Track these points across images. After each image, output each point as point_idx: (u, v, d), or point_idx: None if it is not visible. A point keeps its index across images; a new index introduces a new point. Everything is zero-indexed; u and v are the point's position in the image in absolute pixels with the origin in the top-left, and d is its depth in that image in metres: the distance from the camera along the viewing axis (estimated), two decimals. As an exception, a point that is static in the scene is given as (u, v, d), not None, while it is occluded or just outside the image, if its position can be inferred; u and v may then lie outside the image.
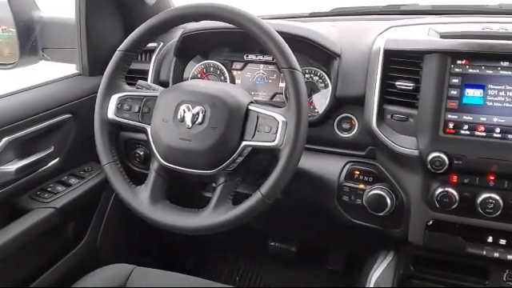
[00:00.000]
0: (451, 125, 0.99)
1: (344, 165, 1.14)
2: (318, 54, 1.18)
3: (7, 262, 1.11)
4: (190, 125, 0.97)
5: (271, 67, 1.29)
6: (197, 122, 0.97)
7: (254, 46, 1.28)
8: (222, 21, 0.98)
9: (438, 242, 1.03)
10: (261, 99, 1.29)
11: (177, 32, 1.35)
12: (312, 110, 1.22)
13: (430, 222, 1.03)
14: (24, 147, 1.18)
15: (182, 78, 1.34)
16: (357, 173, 1.12)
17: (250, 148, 0.96)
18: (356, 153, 1.14)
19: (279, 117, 0.93)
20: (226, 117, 0.95)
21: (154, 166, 1.03)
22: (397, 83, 1.04)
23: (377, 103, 1.05)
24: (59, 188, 1.27)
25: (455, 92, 0.98)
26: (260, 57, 1.30)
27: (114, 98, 1.06)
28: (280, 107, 0.97)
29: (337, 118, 1.16)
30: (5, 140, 1.11)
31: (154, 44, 1.37)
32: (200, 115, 0.97)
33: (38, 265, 1.24)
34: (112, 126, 1.07)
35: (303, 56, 1.22)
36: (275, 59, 0.95)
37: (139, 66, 1.35)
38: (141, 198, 1.01)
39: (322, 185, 1.15)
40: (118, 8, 1.41)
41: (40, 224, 1.16)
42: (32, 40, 1.41)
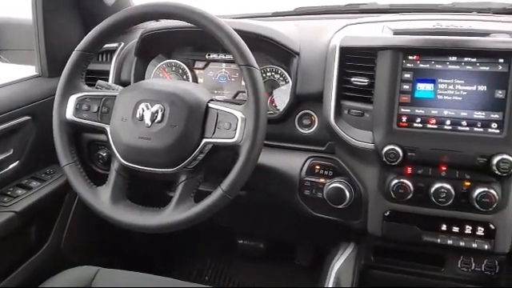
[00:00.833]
0: (404, 118, 1.02)
1: (305, 160, 1.17)
2: (278, 53, 1.20)
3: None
4: (150, 123, 0.97)
5: (233, 66, 1.30)
6: (156, 121, 0.97)
7: (217, 45, 1.28)
8: (180, 19, 0.99)
9: (396, 232, 1.07)
10: (224, 98, 1.31)
11: (138, 32, 1.34)
12: (273, 108, 1.24)
13: (388, 213, 1.07)
14: (-19, 151, 1.16)
15: (144, 78, 1.33)
16: (317, 167, 1.15)
17: (211, 145, 0.97)
18: (316, 148, 1.17)
19: (238, 113, 0.95)
20: (186, 114, 0.96)
21: (115, 166, 1.03)
22: (353, 79, 1.07)
23: (334, 99, 1.08)
24: (19, 191, 1.25)
25: (407, 87, 1.02)
26: (222, 56, 1.31)
27: (73, 99, 1.05)
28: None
29: (297, 115, 1.18)
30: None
31: (115, 44, 1.37)
32: (159, 113, 0.97)
33: (-1, 269, 1.22)
34: (71, 127, 1.06)
35: (264, 54, 1.24)
36: (233, 57, 0.96)
37: (100, 67, 1.34)
38: (102, 198, 1.01)
39: (285, 180, 1.17)
40: (77, 8, 1.40)
41: (-1, 228, 1.14)
42: (-13, 42, 1.38)
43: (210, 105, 0.98)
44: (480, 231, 1.02)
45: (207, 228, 1.76)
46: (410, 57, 1.02)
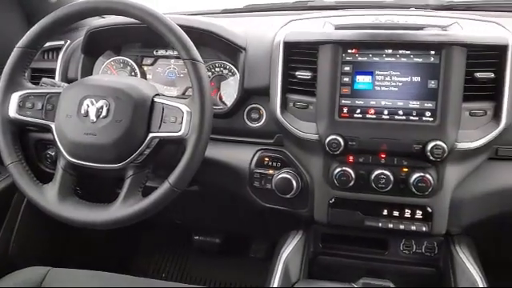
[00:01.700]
0: (345, 109, 1.07)
1: (254, 153, 1.20)
2: (226, 48, 1.22)
3: None
4: (95, 119, 0.97)
5: (182, 62, 1.31)
6: (101, 116, 0.97)
7: (165, 42, 1.30)
8: (122, 15, 1.00)
9: (340, 218, 1.12)
10: (174, 94, 1.32)
11: (85, 29, 1.33)
12: (222, 102, 1.26)
13: (332, 200, 1.11)
14: None
15: (92, 75, 1.32)
16: (266, 159, 1.18)
17: (157, 139, 0.98)
18: (265, 141, 1.20)
19: (184, 107, 0.96)
20: (131, 109, 0.97)
21: (61, 164, 1.02)
22: (297, 73, 1.10)
23: (280, 93, 1.11)
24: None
25: (347, 79, 1.06)
26: (170, 52, 1.32)
27: (16, 96, 1.03)
28: None
29: (246, 109, 1.21)
30: None
31: (61, 42, 1.35)
32: (104, 109, 0.97)
33: None
34: (15, 125, 1.04)
35: (212, 50, 1.27)
36: (177, 51, 0.97)
37: (46, 65, 1.33)
38: (48, 196, 1.00)
39: (235, 173, 1.20)
40: (19, 5, 1.37)
41: None
42: None
43: (156, 99, 0.99)
44: (418, 214, 1.08)
45: (163, 225, 1.77)
46: (349, 50, 1.06)
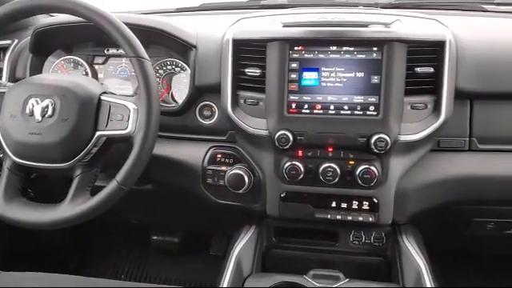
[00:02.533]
0: (294, 105, 1.10)
1: (207, 150, 1.20)
2: (176, 46, 1.23)
3: None
4: (40, 118, 0.96)
5: (134, 60, 1.31)
6: (47, 115, 0.96)
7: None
8: (67, 13, 0.99)
9: (291, 211, 1.14)
10: (125, 92, 1.31)
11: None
12: (174, 100, 1.27)
13: (283, 194, 1.14)
14: None
15: (40, 75, 1.30)
16: (219, 156, 1.19)
17: (105, 137, 0.98)
18: (218, 138, 1.21)
19: (130, 105, 0.96)
20: (77, 108, 0.96)
21: (7, 164, 1.00)
22: (246, 70, 1.12)
23: (230, 90, 1.12)
24: None
25: (295, 76, 1.09)
26: (121, 50, 1.30)
27: None
28: None
29: (198, 106, 1.22)
30: None
31: (8, 41, 1.33)
32: (50, 108, 0.96)
33: None
34: None
35: (163, 48, 1.27)
36: (123, 49, 0.97)
37: (-8, 65, 1.29)
38: None
39: (188, 170, 1.20)
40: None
41: None
42: None
43: (103, 97, 0.99)
44: (365, 205, 1.11)
45: (121, 225, 1.76)
46: (296, 47, 1.09)
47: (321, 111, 1.09)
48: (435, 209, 1.15)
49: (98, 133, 0.97)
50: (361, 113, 1.07)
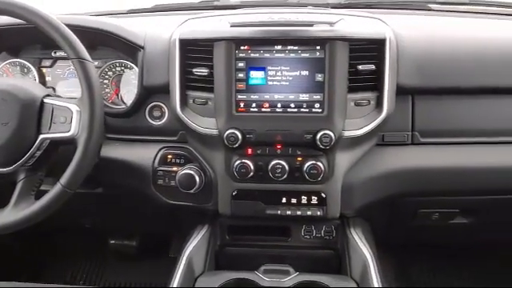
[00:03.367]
0: (242, 104, 1.11)
1: (158, 151, 1.20)
2: (124, 47, 1.22)
3: None
4: None
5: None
6: None
7: None
8: (6, 15, 0.97)
9: (243, 209, 1.16)
10: (74, 95, 1.29)
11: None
12: (122, 101, 1.26)
13: (235, 192, 1.15)
14: None
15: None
16: (169, 157, 1.19)
17: (48, 141, 0.97)
18: (169, 138, 1.21)
19: (73, 107, 0.96)
20: (18, 111, 0.94)
21: None
22: (194, 70, 1.13)
23: (179, 90, 1.13)
24: None
25: (242, 75, 1.10)
26: None
27: None
28: None
29: (147, 107, 1.22)
30: None
31: (-51, 45, 1.28)
32: None
33: None
34: None
35: (111, 50, 1.26)
36: (64, 51, 0.96)
37: None
38: None
39: (139, 172, 1.20)
40: None
41: None
42: None
43: (45, 100, 0.98)
44: (314, 200, 1.14)
45: (77, 230, 1.73)
46: (242, 47, 1.10)
47: (268, 109, 1.11)
48: (381, 201, 1.19)
49: (42, 136, 0.96)
50: (307, 110, 1.10)
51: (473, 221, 1.31)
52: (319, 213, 1.14)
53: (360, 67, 1.10)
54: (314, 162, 1.09)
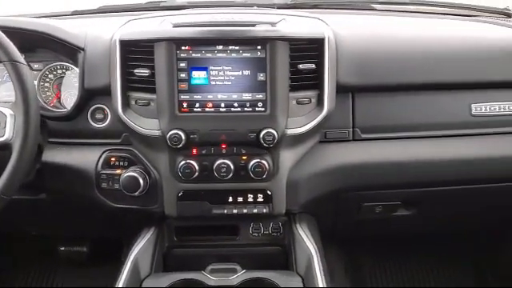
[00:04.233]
0: (185, 104, 1.11)
1: (101, 154, 1.19)
2: (64, 49, 1.20)
3: None
4: None
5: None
6: None
7: None
8: None
9: (189, 210, 1.16)
10: (11, 100, 1.25)
11: None
12: (63, 105, 1.24)
13: (180, 193, 1.15)
14: None
15: None
16: (113, 159, 1.18)
17: None
18: (112, 141, 1.20)
19: (7, 111, 0.93)
20: None
21: None
22: (135, 71, 1.12)
23: (120, 91, 1.11)
24: None
25: (184, 75, 1.10)
26: None
27: None
28: None
29: (90, 110, 1.20)
30: None
31: None
32: None
33: None
34: None
35: (51, 52, 1.23)
36: None
37: None
38: None
39: (82, 176, 1.18)
40: None
41: None
42: None
43: None
44: (260, 198, 1.15)
45: (23, 238, 1.67)
46: (183, 47, 1.10)
47: (212, 109, 1.11)
48: (326, 196, 1.22)
49: None
50: (250, 109, 1.11)
51: (415, 212, 1.36)
52: (265, 210, 1.15)
53: (301, 66, 1.12)
54: (259, 161, 1.11)
